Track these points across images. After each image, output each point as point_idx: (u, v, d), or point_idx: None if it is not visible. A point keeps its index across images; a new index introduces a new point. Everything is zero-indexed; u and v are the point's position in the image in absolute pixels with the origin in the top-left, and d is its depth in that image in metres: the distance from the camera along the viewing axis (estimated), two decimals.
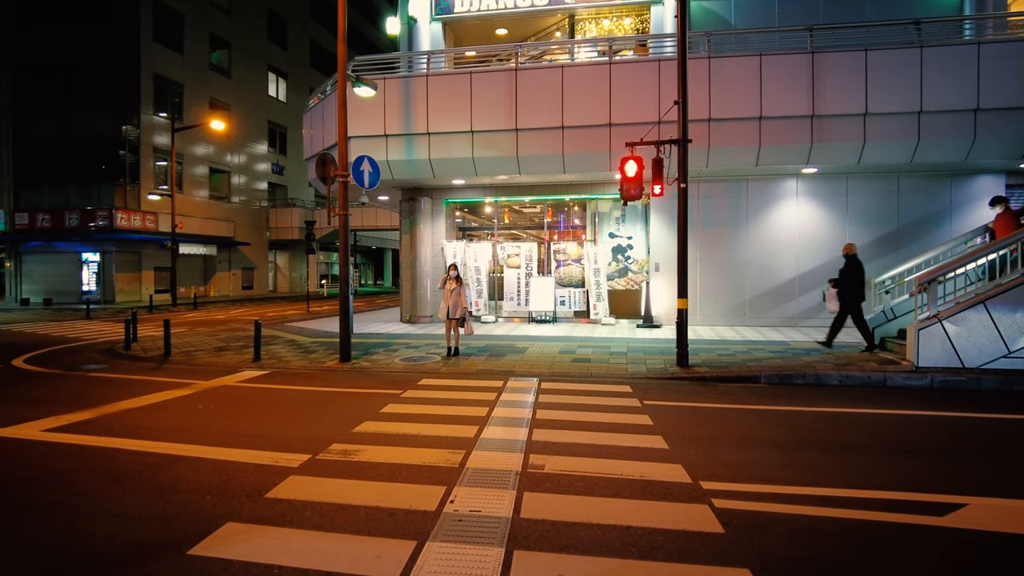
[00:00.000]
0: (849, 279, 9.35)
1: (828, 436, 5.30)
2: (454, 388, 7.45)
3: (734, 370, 8.16)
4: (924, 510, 3.62)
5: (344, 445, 5.02)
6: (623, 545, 3.18)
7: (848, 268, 9.40)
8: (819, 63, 11.06)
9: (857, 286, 9.32)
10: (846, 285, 9.39)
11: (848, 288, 9.36)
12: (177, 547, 3.19)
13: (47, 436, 5.43)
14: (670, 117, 9.72)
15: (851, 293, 9.33)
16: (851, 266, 9.38)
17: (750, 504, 3.71)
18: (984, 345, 7.85)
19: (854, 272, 9.34)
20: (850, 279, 9.35)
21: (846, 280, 9.39)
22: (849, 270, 9.38)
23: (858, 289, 9.32)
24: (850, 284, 9.35)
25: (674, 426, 5.60)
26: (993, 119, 10.62)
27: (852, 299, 9.34)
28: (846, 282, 9.39)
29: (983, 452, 4.89)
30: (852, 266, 9.37)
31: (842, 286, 9.44)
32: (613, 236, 14.56)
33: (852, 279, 9.33)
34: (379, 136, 12.58)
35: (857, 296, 9.33)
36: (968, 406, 6.48)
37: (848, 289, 9.36)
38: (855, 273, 9.33)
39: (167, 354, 10.29)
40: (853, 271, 9.35)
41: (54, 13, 25.49)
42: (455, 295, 9.53)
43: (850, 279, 9.35)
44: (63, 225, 24.80)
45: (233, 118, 30.90)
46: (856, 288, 9.31)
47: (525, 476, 4.25)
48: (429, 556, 3.08)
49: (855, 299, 9.34)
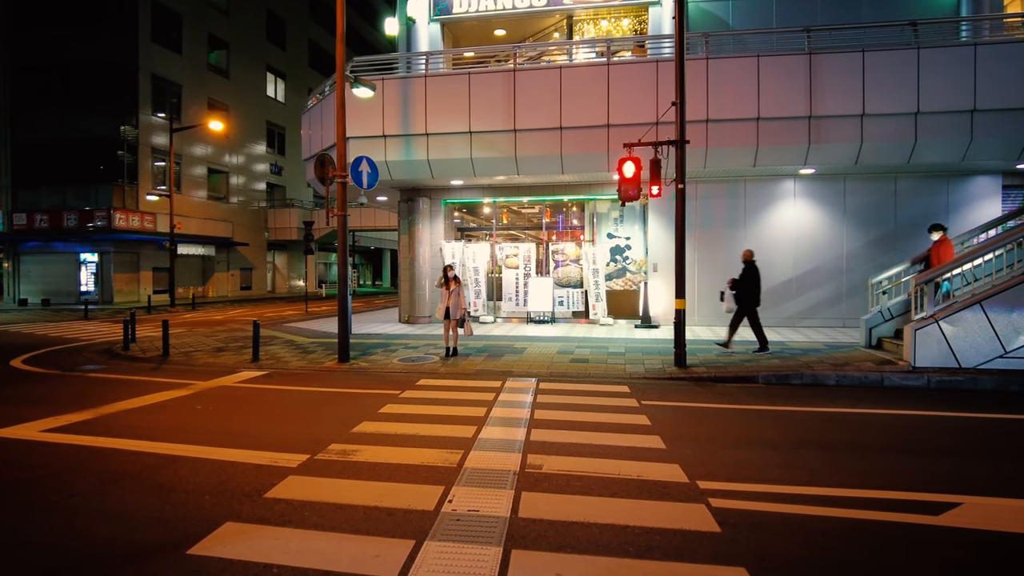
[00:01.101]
0: (747, 283, 9.76)
1: (826, 436, 5.32)
2: (452, 388, 7.47)
3: (732, 370, 8.18)
4: (921, 509, 3.64)
5: (343, 445, 5.03)
6: (620, 544, 3.20)
7: (746, 273, 9.79)
8: (816, 64, 11.09)
9: (754, 290, 9.74)
10: (744, 289, 9.77)
11: (746, 292, 9.75)
12: (176, 547, 3.20)
13: (45, 436, 5.43)
14: (668, 118, 9.74)
15: (748, 297, 9.74)
16: (749, 271, 9.78)
17: (747, 504, 3.73)
18: (981, 345, 7.88)
19: (752, 277, 9.76)
20: (748, 283, 9.76)
21: (744, 284, 9.77)
22: (747, 275, 9.77)
23: (755, 294, 9.74)
24: (748, 288, 9.75)
25: (672, 426, 5.62)
26: (990, 120, 10.66)
27: (749, 302, 9.74)
28: (744, 286, 9.77)
29: (980, 452, 4.91)
30: (750, 271, 9.77)
31: (740, 289, 9.80)
32: (611, 237, 14.58)
33: (750, 283, 9.75)
34: (377, 137, 12.59)
35: (753, 300, 9.74)
36: (965, 406, 6.51)
37: (746, 293, 9.75)
38: (753, 278, 9.75)
39: (165, 355, 10.29)
40: (751, 276, 9.76)
41: (53, 13, 25.47)
42: (454, 296, 9.54)
43: (748, 283, 9.76)
44: (61, 225, 24.78)
45: (231, 118, 30.88)
46: (753, 292, 9.74)
47: (523, 476, 4.26)
48: (427, 555, 3.09)
49: (751, 302, 9.74)
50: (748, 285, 9.73)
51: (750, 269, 9.77)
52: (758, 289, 9.76)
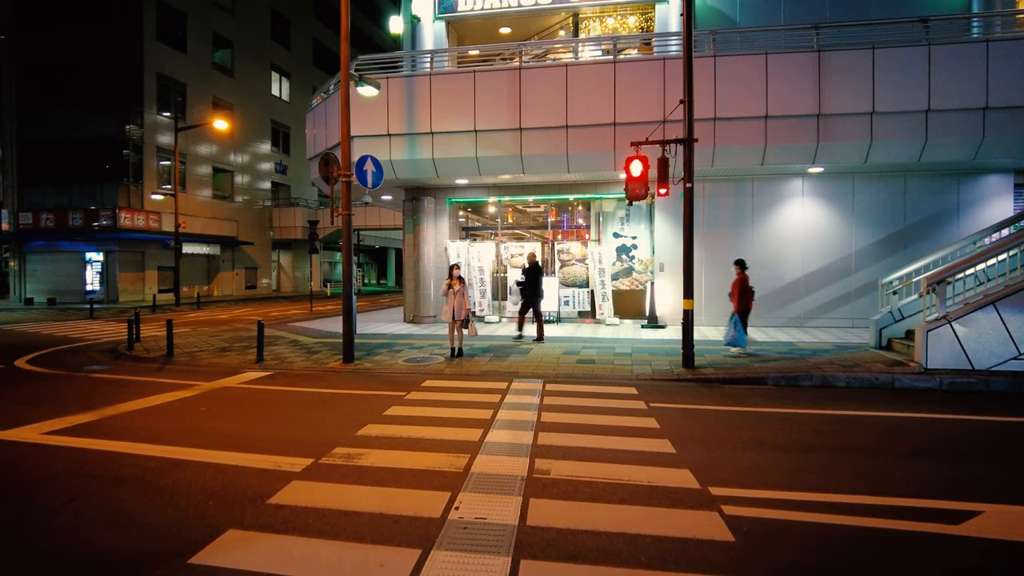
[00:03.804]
0: (531, 281, 11.51)
1: (837, 440, 5.22)
2: (458, 390, 7.40)
3: (740, 372, 8.08)
4: (938, 517, 3.54)
5: (347, 449, 4.96)
6: (631, 554, 3.12)
7: (531, 271, 11.57)
8: (825, 62, 10.96)
9: (538, 287, 11.57)
10: (528, 286, 11.53)
11: (530, 288, 11.52)
12: (178, 555, 3.14)
13: (47, 439, 5.39)
14: (675, 116, 9.62)
15: (532, 292, 11.52)
16: (533, 270, 11.57)
17: (760, 511, 3.64)
18: (994, 346, 7.76)
19: (535, 275, 11.55)
20: (532, 281, 11.50)
21: (528, 282, 11.53)
22: (532, 273, 11.55)
23: (538, 288, 11.58)
24: (531, 285, 11.49)
25: (681, 429, 5.53)
26: (1002, 118, 10.50)
27: (532, 296, 11.51)
28: (528, 283, 11.53)
29: (995, 456, 4.81)
30: (534, 270, 11.58)
31: (525, 286, 11.57)
32: (617, 236, 14.48)
33: (534, 281, 11.51)
34: (382, 136, 12.52)
35: (536, 294, 11.51)
36: (978, 409, 6.40)
37: (531, 289, 11.52)
38: (536, 276, 11.55)
39: (170, 355, 10.26)
40: (535, 274, 11.56)
41: (58, 13, 25.51)
42: (459, 296, 9.47)
43: (532, 281, 11.50)
44: (67, 225, 24.85)
45: (236, 117, 30.90)
46: (537, 288, 11.55)
47: (531, 481, 4.18)
48: (434, 565, 3.02)
49: (535, 297, 11.51)
50: (532, 282, 11.54)
51: (534, 268, 11.60)
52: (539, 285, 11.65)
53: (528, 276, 11.55)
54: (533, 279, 11.51)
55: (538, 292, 11.55)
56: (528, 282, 11.53)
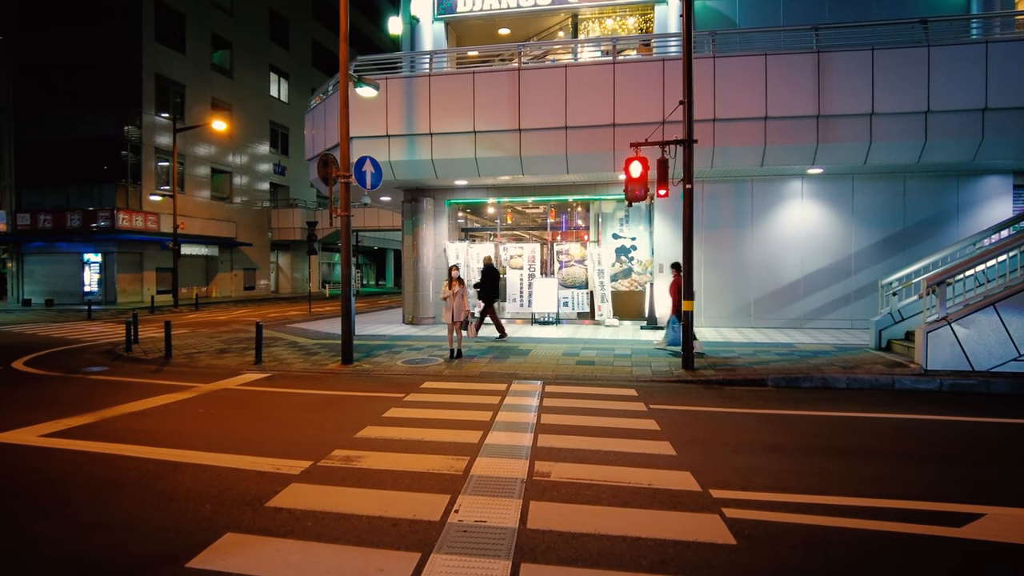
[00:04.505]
0: (486, 282, 12.13)
1: (838, 441, 5.20)
2: (457, 391, 7.37)
3: (740, 373, 8.06)
4: (942, 520, 3.52)
5: (346, 451, 4.93)
6: (633, 558, 3.09)
7: (486, 272, 12.20)
8: (825, 63, 10.95)
9: (493, 288, 12.17)
10: (484, 287, 12.14)
11: (487, 289, 12.11)
12: (175, 559, 3.11)
13: (44, 442, 5.35)
14: (675, 117, 9.61)
15: (489, 293, 12.11)
16: (488, 271, 12.18)
17: (762, 514, 3.62)
18: (994, 348, 7.75)
19: (490, 277, 12.15)
20: (487, 282, 12.13)
21: (484, 283, 12.15)
22: (487, 274, 12.17)
23: (494, 290, 12.21)
24: (487, 286, 12.12)
25: (681, 431, 5.51)
26: (1002, 119, 10.50)
27: (489, 298, 12.12)
28: (484, 285, 12.15)
29: (997, 458, 4.79)
30: (490, 272, 12.17)
31: (482, 287, 12.18)
32: (617, 237, 14.46)
33: (489, 283, 12.12)
34: (381, 136, 12.50)
35: (492, 295, 12.16)
36: (979, 410, 6.39)
37: (487, 290, 12.11)
38: (490, 278, 12.15)
39: (168, 356, 10.22)
40: (490, 276, 12.16)
41: (56, 13, 25.47)
42: (458, 297, 9.45)
43: (487, 282, 12.13)
44: (65, 225, 24.78)
45: (235, 118, 30.86)
46: (492, 289, 12.16)
47: (531, 484, 4.16)
48: (434, 569, 2.99)
49: (491, 298, 12.14)
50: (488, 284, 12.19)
51: (489, 270, 12.24)
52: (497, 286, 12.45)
53: (483, 277, 12.21)
54: (488, 280, 12.16)
55: (493, 293, 12.23)
56: (483, 283, 12.17)
